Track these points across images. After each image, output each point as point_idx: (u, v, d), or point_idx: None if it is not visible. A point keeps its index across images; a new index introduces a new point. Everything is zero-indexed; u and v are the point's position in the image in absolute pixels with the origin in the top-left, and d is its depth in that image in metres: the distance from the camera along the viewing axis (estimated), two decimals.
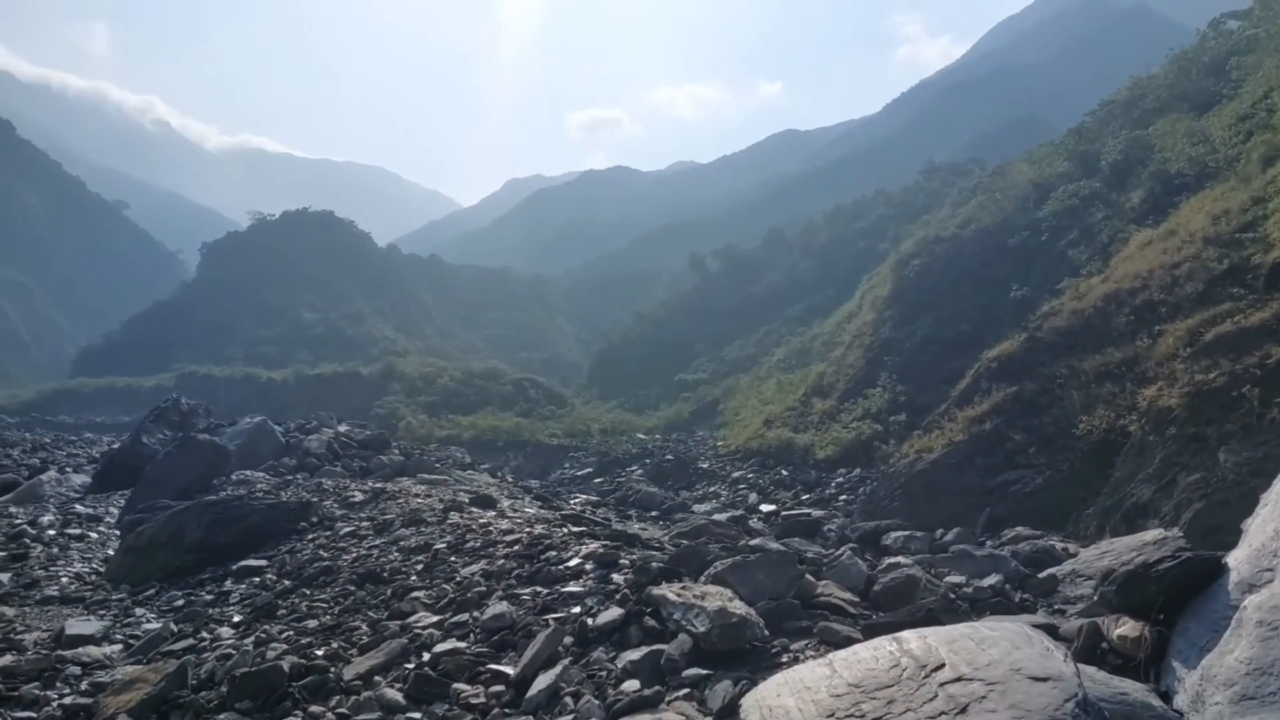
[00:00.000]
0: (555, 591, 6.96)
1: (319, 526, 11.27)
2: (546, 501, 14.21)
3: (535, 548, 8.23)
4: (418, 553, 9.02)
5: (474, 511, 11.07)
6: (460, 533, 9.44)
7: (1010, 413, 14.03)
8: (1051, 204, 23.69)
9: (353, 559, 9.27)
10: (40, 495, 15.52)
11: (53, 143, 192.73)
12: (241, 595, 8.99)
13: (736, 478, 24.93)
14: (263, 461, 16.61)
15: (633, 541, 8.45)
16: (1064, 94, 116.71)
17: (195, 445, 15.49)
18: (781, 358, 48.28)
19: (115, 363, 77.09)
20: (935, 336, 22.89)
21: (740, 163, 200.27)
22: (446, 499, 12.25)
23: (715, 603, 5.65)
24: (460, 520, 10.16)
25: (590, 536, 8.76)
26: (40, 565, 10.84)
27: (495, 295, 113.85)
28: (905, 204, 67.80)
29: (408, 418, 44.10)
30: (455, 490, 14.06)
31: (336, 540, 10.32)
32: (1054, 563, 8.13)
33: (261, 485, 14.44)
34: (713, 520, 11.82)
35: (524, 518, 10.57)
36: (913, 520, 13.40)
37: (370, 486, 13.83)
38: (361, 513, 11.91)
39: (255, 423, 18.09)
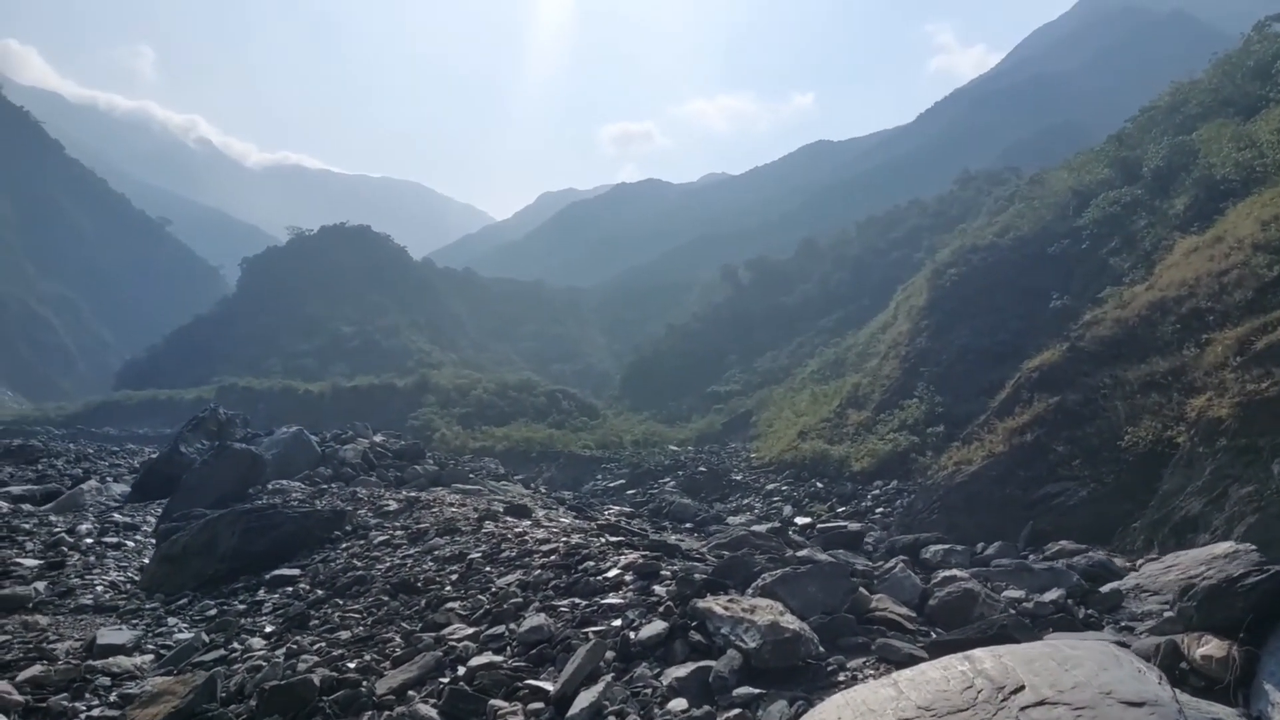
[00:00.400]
0: (594, 603, 6.68)
1: (353, 535, 11.20)
2: (580, 512, 14.10)
3: (573, 558, 8.01)
4: (452, 562, 8.88)
5: (509, 521, 10.96)
6: (495, 542, 9.30)
7: (1052, 424, 13.73)
8: (1092, 211, 23.25)
9: (386, 568, 9.16)
10: (81, 504, 15.59)
11: (100, 161, 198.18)
12: (274, 605, 8.92)
13: (770, 490, 24.71)
14: (299, 471, 16.61)
15: (673, 552, 8.17)
16: (1100, 102, 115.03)
17: (231, 454, 15.44)
18: (815, 369, 47.92)
19: (158, 376, 78.77)
20: (973, 346, 22.54)
21: (772, 174, 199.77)
22: (481, 508, 12.13)
23: (766, 617, 5.32)
24: (495, 529, 10.03)
25: (629, 547, 8.51)
26: (76, 573, 10.84)
27: (528, 308, 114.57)
28: (940, 213, 67.03)
29: (442, 429, 44.41)
30: (490, 500, 13.92)
31: (370, 549, 10.25)
32: (1112, 577, 7.75)
33: (296, 494, 14.56)
34: (752, 531, 11.41)
35: (560, 527, 10.40)
36: (952, 533, 13.15)
37: (404, 495, 13.70)
38: (396, 522, 11.81)
39: (291, 432, 18.08)
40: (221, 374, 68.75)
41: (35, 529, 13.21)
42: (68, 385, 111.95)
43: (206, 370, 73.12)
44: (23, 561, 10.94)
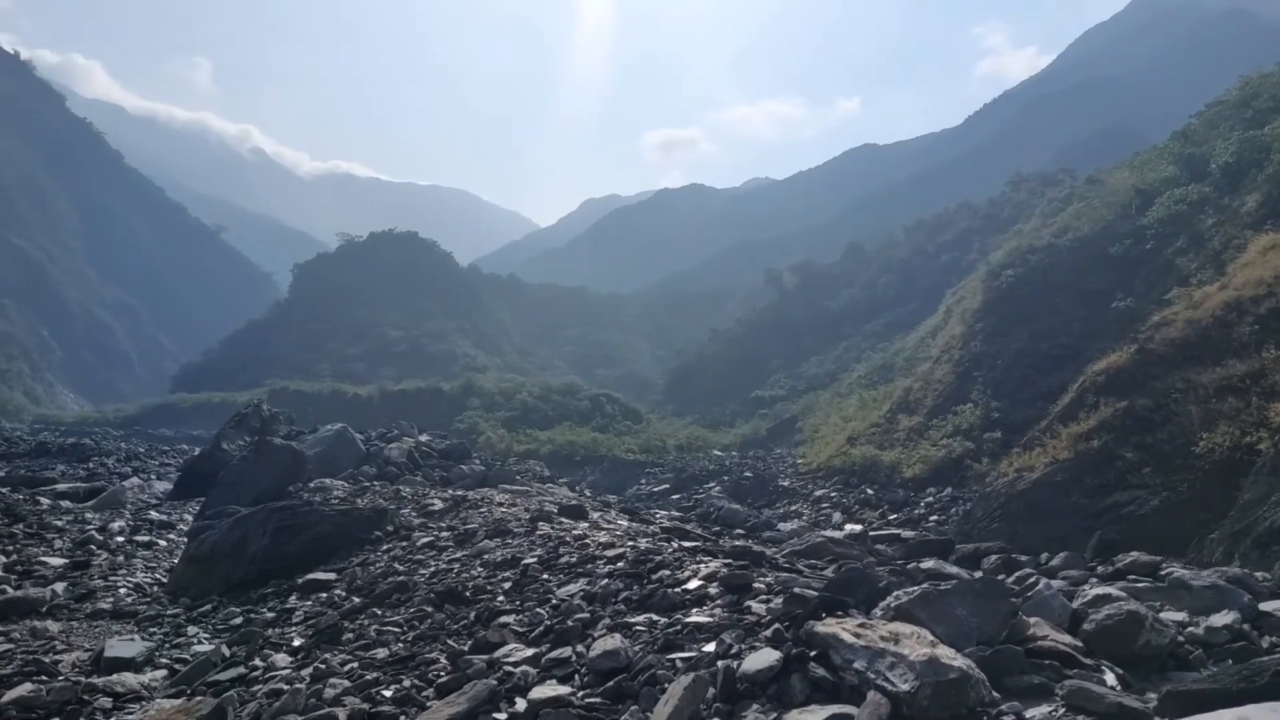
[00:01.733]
0: (676, 621, 5.63)
1: (394, 536, 10.39)
2: (633, 514, 13.76)
3: (643, 565, 6.97)
4: (504, 568, 8.01)
5: (564, 522, 10.18)
6: (552, 546, 8.40)
7: (1120, 429, 13.14)
8: (1156, 210, 22.42)
9: (431, 574, 8.31)
10: (121, 501, 15.30)
11: (158, 171, 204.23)
12: (305, 614, 8.03)
13: (819, 496, 24.24)
14: (343, 470, 16.25)
15: (759, 559, 7.14)
16: (1156, 102, 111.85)
17: (270, 450, 14.85)
18: (862, 374, 47.17)
19: (212, 379, 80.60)
20: (1031, 350, 21.85)
21: (816, 179, 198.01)
22: (533, 508, 11.45)
23: (918, 649, 4.19)
24: (551, 532, 9.17)
25: (705, 553, 7.47)
26: (100, 574, 10.22)
27: (571, 313, 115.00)
28: (991, 216, 65.67)
29: (487, 432, 44.62)
30: (541, 500, 13.40)
31: (413, 552, 9.43)
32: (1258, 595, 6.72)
33: (338, 493, 13.98)
34: (830, 538, 10.47)
35: (622, 530, 9.56)
36: (1014, 542, 12.67)
37: (450, 494, 13.12)
38: (441, 522, 11.12)
39: (335, 430, 17.71)
40: (273, 377, 70.06)
41: (67, 526, 12.73)
42: (127, 388, 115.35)
43: (259, 374, 74.58)
44: (48, 560, 10.42)
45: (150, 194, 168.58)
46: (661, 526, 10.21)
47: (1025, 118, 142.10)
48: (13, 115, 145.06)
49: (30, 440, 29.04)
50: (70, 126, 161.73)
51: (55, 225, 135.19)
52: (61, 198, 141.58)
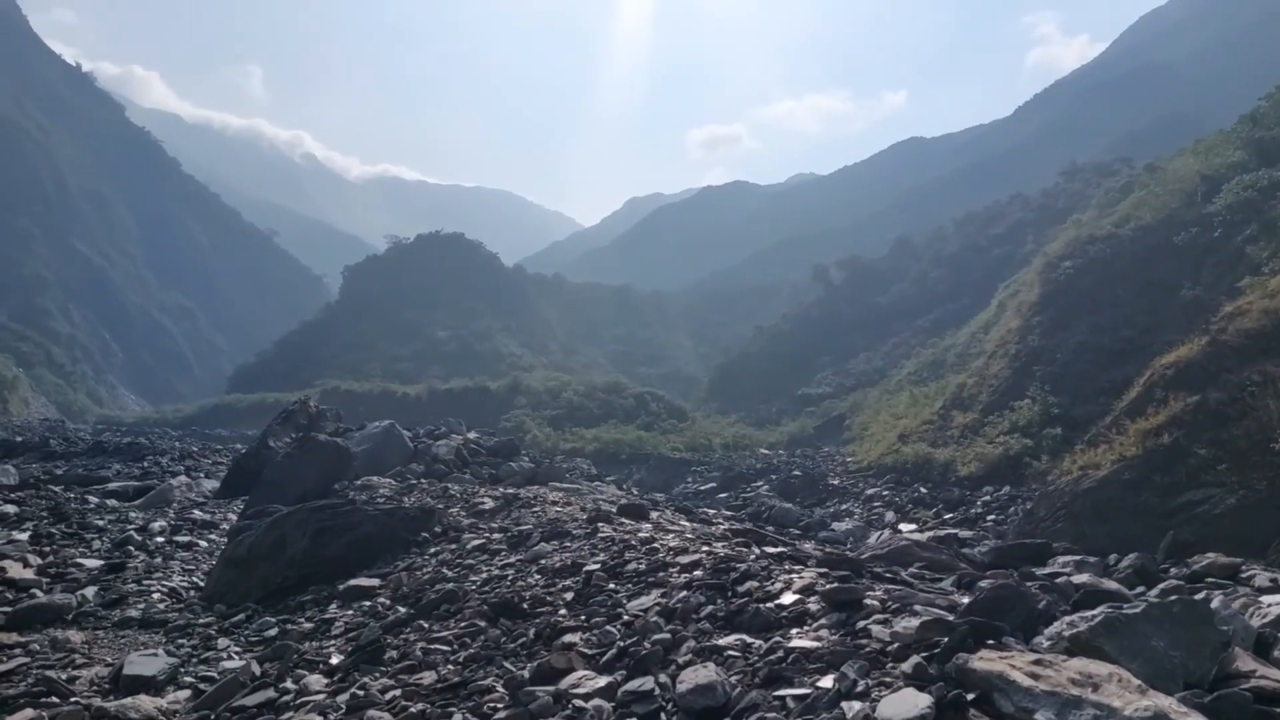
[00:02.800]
0: (775, 646, 4.74)
1: (443, 538, 9.75)
2: (689, 514, 13.39)
3: (725, 575, 6.12)
4: (564, 575, 7.28)
5: (625, 523, 9.55)
6: (617, 550, 7.67)
7: (1192, 425, 12.58)
8: (1224, 196, 21.51)
9: (483, 581, 7.65)
10: (168, 500, 15.09)
11: (213, 177, 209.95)
12: (346, 625, 7.39)
13: (870, 494, 23.78)
14: (390, 467, 16.00)
15: (857, 568, 6.31)
16: (1216, 88, 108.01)
17: (315, 447, 14.35)
18: (912, 370, 46.37)
19: (266, 379, 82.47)
20: (1092, 344, 21.14)
21: (862, 173, 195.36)
22: (590, 508, 10.85)
23: (1132, 699, 3.13)
24: (614, 534, 8.44)
25: (792, 560, 6.65)
26: (135, 578, 9.65)
27: (615, 312, 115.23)
28: (1045, 207, 64.10)
29: (534, 430, 44.84)
30: (596, 499, 12.84)
31: (463, 555, 8.77)
32: None
33: (384, 491, 13.57)
34: (914, 541, 9.41)
35: (692, 533, 8.74)
36: (1080, 543, 12.20)
37: (502, 492, 12.53)
38: (492, 522, 10.59)
39: (383, 427, 17.44)
40: (325, 377, 71.39)
41: (108, 526, 12.33)
42: (185, 389, 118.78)
43: (311, 374, 76.08)
44: (84, 562, 10.03)
45: (206, 200, 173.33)
46: (732, 529, 9.37)
47: (1078, 107, 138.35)
48: (76, 126, 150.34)
49: (89, 440, 29.87)
50: (130, 135, 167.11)
51: (116, 231, 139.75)
52: (121, 205, 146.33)
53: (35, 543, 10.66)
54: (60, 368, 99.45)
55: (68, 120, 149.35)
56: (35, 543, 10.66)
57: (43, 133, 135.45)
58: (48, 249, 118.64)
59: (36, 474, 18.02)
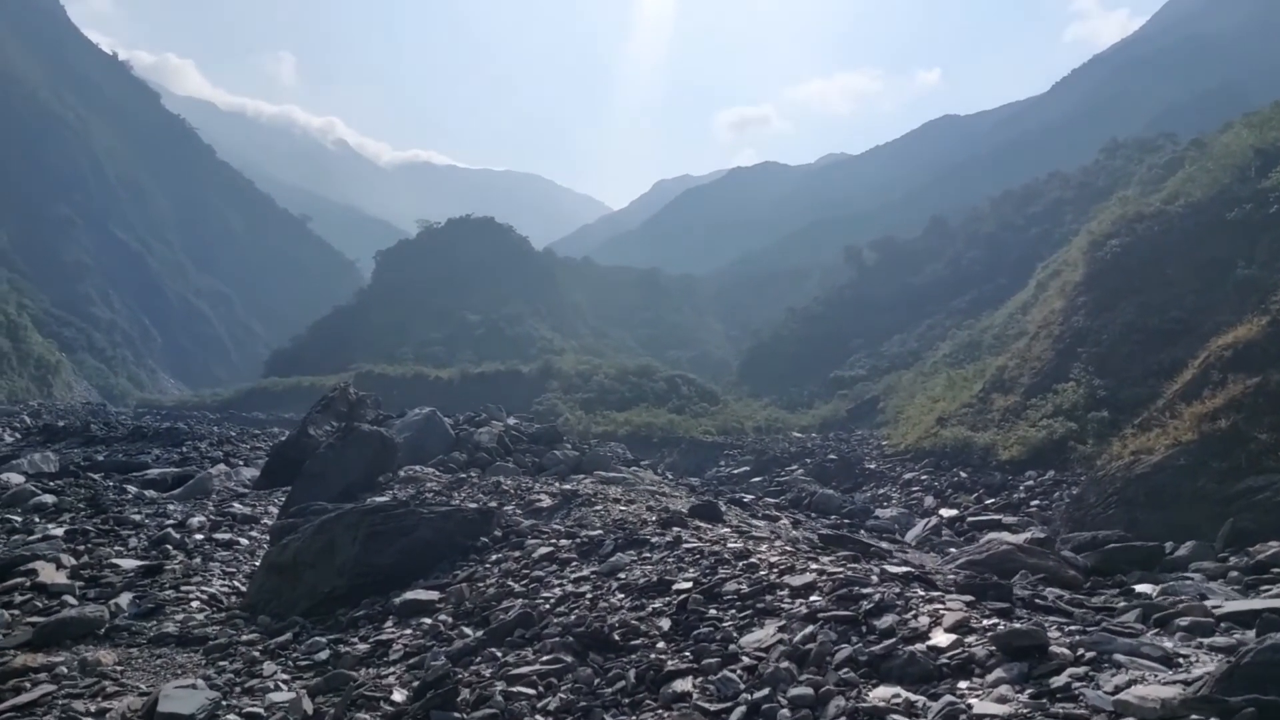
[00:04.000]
0: (951, 709, 3.78)
1: (504, 544, 8.97)
2: (744, 506, 12.93)
3: (852, 604, 5.18)
4: (652, 595, 6.35)
5: (700, 526, 8.74)
6: (708, 566, 6.77)
7: (1252, 408, 12.11)
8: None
9: (558, 599, 6.77)
10: (207, 490, 14.54)
11: (247, 164, 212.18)
12: (405, 648, 6.57)
13: (908, 479, 23.45)
14: (431, 456, 15.63)
15: (1009, 595, 5.34)
16: (1262, 60, 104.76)
17: (359, 437, 13.75)
18: (948, 352, 45.70)
19: (301, 363, 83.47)
20: (1139, 324, 20.54)
21: (894, 152, 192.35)
22: (658, 508, 10.04)
23: None
24: (699, 545, 7.50)
25: (922, 582, 5.76)
26: (173, 582, 8.90)
27: (645, 295, 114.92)
28: (1085, 185, 62.58)
29: (566, 414, 44.87)
30: (662, 497, 12.07)
31: (530, 565, 7.95)
32: None
33: (431, 484, 13.02)
34: (1016, 545, 8.26)
35: (784, 541, 7.88)
36: (1133, 530, 11.82)
37: (558, 489, 11.85)
38: (554, 522, 9.85)
39: (424, 414, 17.14)
40: (359, 361, 72.01)
41: (145, 521, 11.62)
42: (222, 373, 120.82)
43: (345, 358, 76.81)
44: (119, 563, 9.35)
45: (240, 186, 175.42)
46: (821, 535, 8.60)
47: (1117, 82, 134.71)
48: (113, 114, 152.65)
49: (129, 424, 30.23)
50: (165, 123, 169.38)
51: (153, 218, 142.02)
52: (158, 192, 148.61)
53: (70, 539, 10.18)
54: (101, 352, 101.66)
55: (105, 109, 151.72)
56: (70, 539, 10.18)
57: (80, 122, 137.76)
58: (87, 236, 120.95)
59: (77, 460, 17.92)
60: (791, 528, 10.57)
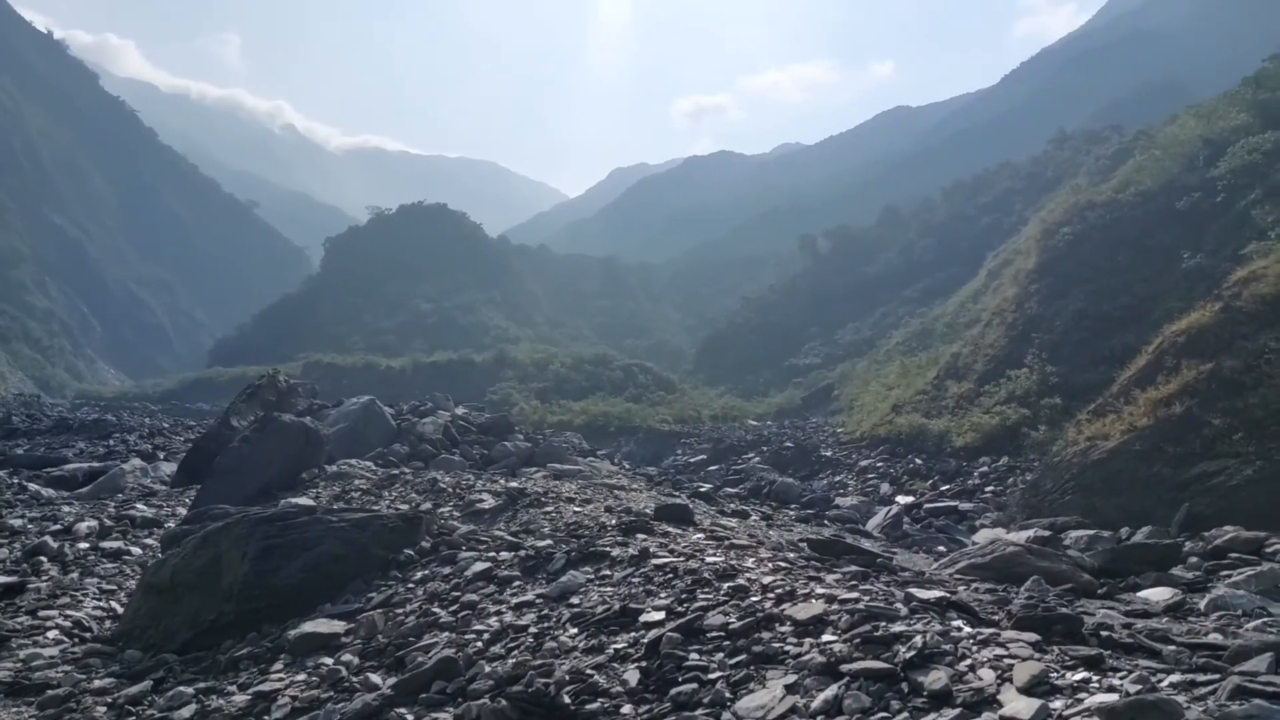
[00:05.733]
0: None
1: (433, 556, 7.50)
2: (710, 500, 12.39)
3: (881, 649, 3.97)
4: (614, 630, 5.02)
5: (669, 532, 7.62)
6: (684, 586, 5.52)
7: (1206, 394, 12.16)
8: (1228, 160, 21.06)
9: (493, 635, 5.44)
10: (119, 487, 13.39)
11: (191, 148, 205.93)
12: (294, 701, 5.13)
13: (864, 466, 23.48)
14: (370, 449, 14.67)
15: (1077, 629, 4.33)
16: (1204, 54, 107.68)
17: (278, 429, 12.44)
18: (901, 340, 46.15)
19: (247, 353, 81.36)
20: (1091, 311, 20.77)
21: (847, 143, 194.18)
22: (616, 508, 8.91)
23: None
24: (669, 558, 6.23)
25: (958, 609, 4.67)
26: (33, 605, 7.47)
27: (601, 283, 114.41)
28: (1034, 176, 63.72)
29: (521, 403, 44.33)
30: (614, 491, 11.25)
31: (461, 586, 6.61)
32: None
33: (360, 481, 11.82)
34: (1024, 546, 7.41)
35: (770, 551, 6.75)
36: (1089, 516, 11.82)
37: (503, 486, 10.59)
38: (496, 526, 8.61)
39: (362, 404, 16.11)
40: (307, 350, 70.41)
41: (27, 526, 10.19)
42: (165, 363, 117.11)
43: (294, 347, 75.04)
44: None
45: (184, 171, 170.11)
46: (810, 540, 7.54)
47: (1065, 75, 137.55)
48: (48, 96, 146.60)
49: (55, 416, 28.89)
50: (104, 106, 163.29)
51: (92, 203, 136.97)
52: (98, 176, 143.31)
53: None
54: (37, 342, 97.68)
55: (40, 90, 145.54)
56: None
57: (13, 102, 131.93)
58: (22, 221, 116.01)
59: None
60: (766, 528, 10.05)
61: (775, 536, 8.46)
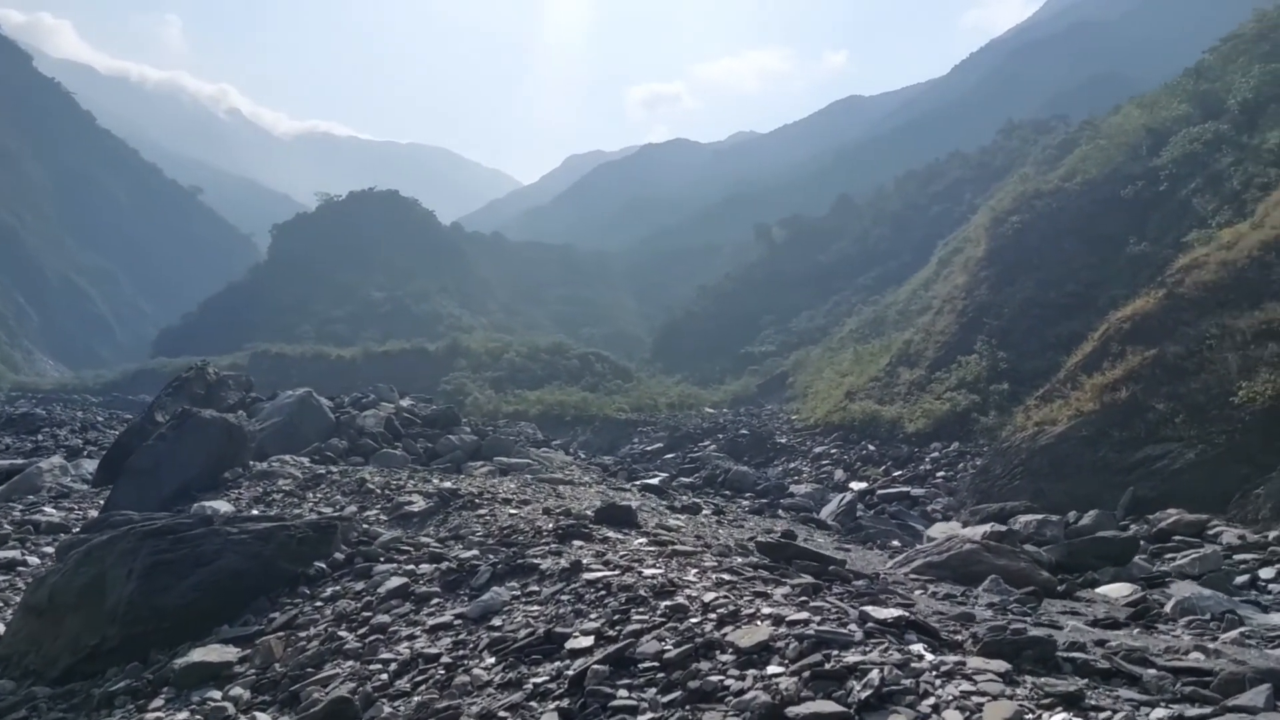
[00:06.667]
0: None
1: (346, 569, 6.88)
2: (661, 494, 12.11)
3: (833, 683, 3.56)
4: (536, 659, 4.55)
5: (609, 537, 7.05)
6: (618, 605, 4.99)
7: (1150, 379, 12.37)
8: (1170, 150, 21.51)
9: (401, 666, 4.90)
10: (35, 487, 12.57)
11: (132, 133, 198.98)
12: None
13: (819, 453, 23.60)
14: (307, 443, 14.01)
15: (1051, 654, 4.05)
16: (1146, 46, 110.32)
17: (197, 425, 11.63)
18: (854, 328, 46.57)
19: (192, 343, 79.13)
20: (1039, 298, 21.09)
21: (801, 131, 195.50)
22: (556, 509, 8.46)
23: None
24: (604, 572, 5.70)
25: (922, 633, 4.25)
26: None
27: (557, 272, 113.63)
28: (983, 165, 64.68)
29: (474, 393, 43.77)
30: (558, 488, 10.86)
31: (373, 605, 5.99)
32: None
33: (285, 481, 10.99)
34: (981, 544, 7.29)
35: (715, 559, 6.27)
36: (1038, 500, 11.96)
37: (436, 487, 9.93)
38: (425, 531, 8.01)
39: (298, 396, 15.42)
40: (255, 340, 68.71)
41: None
42: (107, 354, 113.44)
43: (240, 337, 73.17)
44: None
45: (124, 156, 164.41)
46: (761, 543, 7.14)
47: (1012, 66, 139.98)
48: None
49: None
50: (39, 87, 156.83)
51: (27, 189, 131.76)
52: (32, 161, 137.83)
53: None
54: None
55: None
56: None
57: None
58: None
59: None
60: (717, 525, 9.85)
61: (725, 536, 8.14)
